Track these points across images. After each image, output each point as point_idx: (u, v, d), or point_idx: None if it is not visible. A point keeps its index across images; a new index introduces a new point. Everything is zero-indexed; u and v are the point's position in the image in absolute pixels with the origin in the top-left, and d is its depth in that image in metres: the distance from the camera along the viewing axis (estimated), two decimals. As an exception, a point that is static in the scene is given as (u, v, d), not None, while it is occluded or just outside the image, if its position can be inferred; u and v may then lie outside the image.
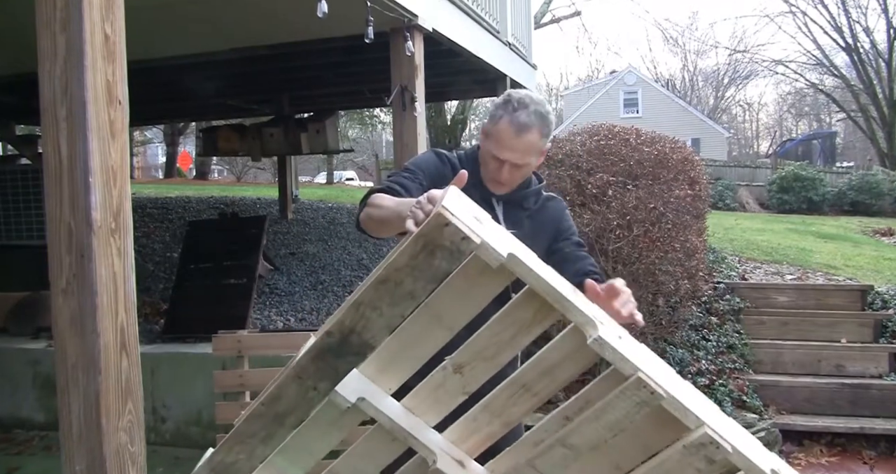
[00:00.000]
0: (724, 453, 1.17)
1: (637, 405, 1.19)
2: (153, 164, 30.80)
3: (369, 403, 1.27)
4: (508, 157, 1.75)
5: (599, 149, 4.21)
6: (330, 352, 1.28)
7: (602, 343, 1.17)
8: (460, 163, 1.87)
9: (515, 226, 1.80)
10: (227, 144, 7.29)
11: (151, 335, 4.73)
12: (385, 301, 1.20)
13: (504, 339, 1.25)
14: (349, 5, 3.21)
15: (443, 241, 1.12)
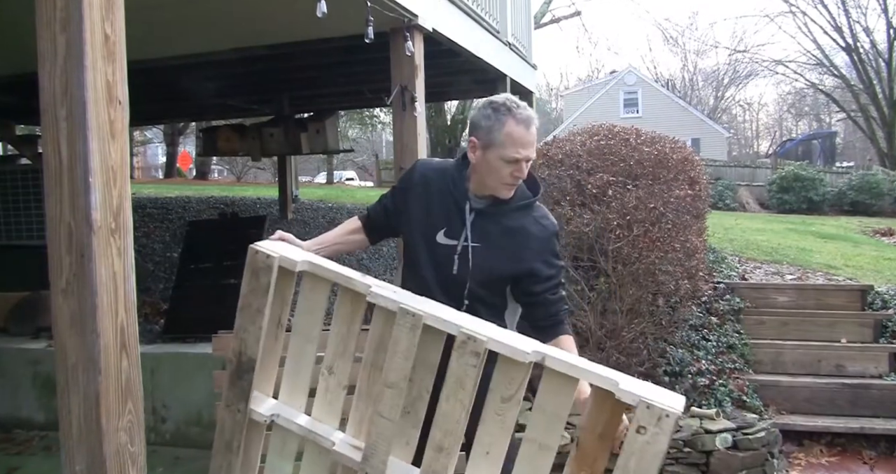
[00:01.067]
0: (482, 344, 1.43)
1: (411, 329, 1.49)
2: (153, 164, 30.79)
3: (283, 417, 1.65)
4: (526, 154, 1.80)
5: (599, 150, 4.22)
6: (235, 375, 1.69)
7: (376, 295, 1.56)
8: (433, 171, 1.98)
9: (482, 238, 1.86)
10: (227, 144, 7.29)
11: (151, 335, 4.72)
12: (248, 321, 1.78)
13: (343, 333, 1.66)
14: (349, 5, 3.21)
15: (257, 264, 1.75)
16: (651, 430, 1.30)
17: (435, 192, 1.91)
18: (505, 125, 1.77)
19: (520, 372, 1.42)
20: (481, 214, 1.87)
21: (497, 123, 1.78)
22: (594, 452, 1.41)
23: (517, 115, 1.78)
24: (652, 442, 1.30)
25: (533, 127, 1.81)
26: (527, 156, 1.81)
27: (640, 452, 1.31)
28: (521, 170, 1.81)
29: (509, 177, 1.82)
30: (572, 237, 3.93)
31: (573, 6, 17.31)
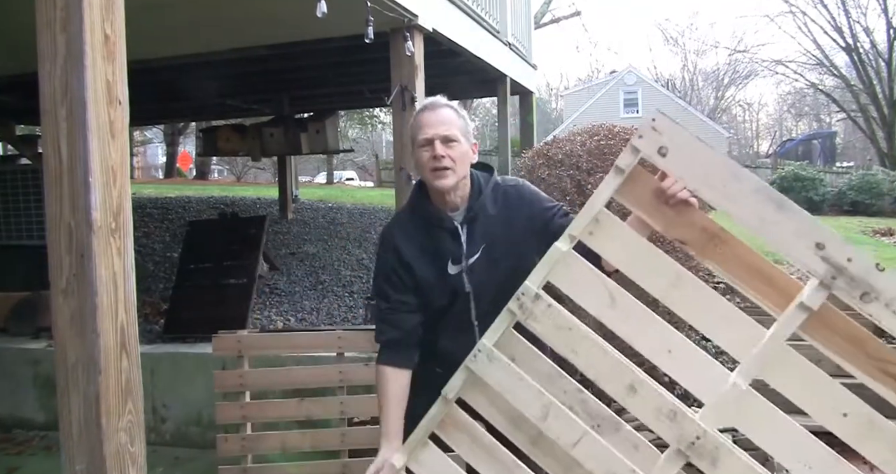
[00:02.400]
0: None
1: None
2: (153, 164, 30.79)
3: None
4: (433, 133, 1.75)
5: (599, 149, 4.21)
6: None
7: None
8: (400, 221, 1.91)
9: (486, 237, 1.79)
10: (227, 144, 7.30)
11: (151, 335, 4.73)
12: None
13: None
14: (349, 5, 3.21)
15: None
16: None
17: (420, 235, 1.83)
18: (415, 121, 1.81)
19: None
20: (470, 222, 1.81)
21: (413, 122, 1.82)
22: None
23: (423, 107, 1.83)
24: None
25: (441, 109, 1.78)
26: (435, 134, 1.75)
27: None
28: (435, 149, 1.74)
29: (431, 161, 1.75)
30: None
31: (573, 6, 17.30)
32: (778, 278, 1.26)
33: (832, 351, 1.26)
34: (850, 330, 1.24)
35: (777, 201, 1.23)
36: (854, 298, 1.19)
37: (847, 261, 1.20)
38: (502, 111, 6.67)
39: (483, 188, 1.84)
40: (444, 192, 1.79)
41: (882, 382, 1.24)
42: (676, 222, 1.34)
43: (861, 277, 1.19)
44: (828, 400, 1.26)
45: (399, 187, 3.84)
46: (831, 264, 1.20)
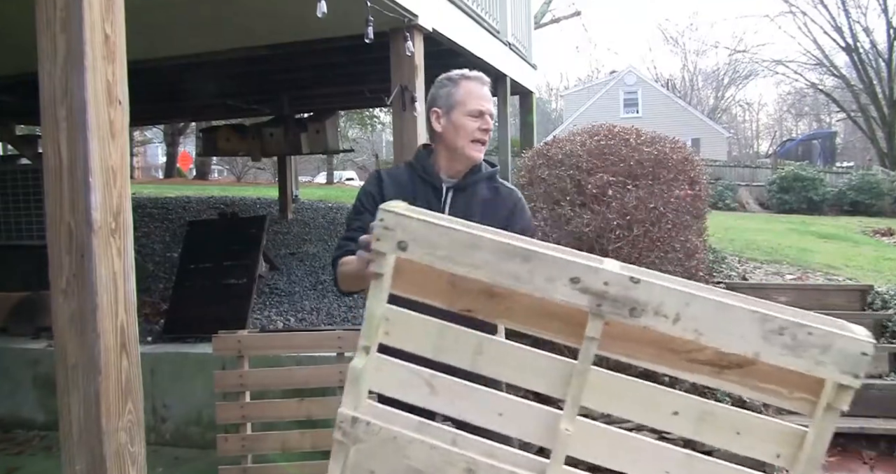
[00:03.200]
0: None
1: None
2: (153, 164, 30.80)
3: None
4: (487, 107, 1.88)
5: (599, 149, 4.21)
6: None
7: None
8: (391, 169, 2.02)
9: (461, 213, 1.79)
10: (227, 144, 7.30)
11: (151, 335, 4.73)
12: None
13: None
14: (349, 5, 3.21)
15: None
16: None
17: (407, 184, 1.93)
18: (461, 86, 1.88)
19: None
20: (457, 191, 1.92)
21: (454, 87, 1.89)
22: None
23: (470, 76, 1.90)
24: None
25: (487, 86, 1.92)
26: (489, 109, 1.89)
27: None
28: (487, 124, 1.88)
29: (478, 132, 1.88)
30: (572, 237, 3.93)
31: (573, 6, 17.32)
32: (561, 313, 1.30)
33: (640, 359, 1.30)
34: (646, 334, 1.29)
35: (521, 254, 1.28)
36: (626, 317, 1.23)
37: (604, 285, 1.24)
38: (502, 111, 6.67)
39: (482, 170, 1.95)
40: (465, 163, 1.90)
41: (693, 371, 1.29)
42: (455, 295, 1.39)
43: (622, 296, 1.23)
44: (655, 407, 1.30)
45: (399, 187, 3.84)
46: (591, 294, 1.24)
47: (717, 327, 1.21)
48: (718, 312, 1.21)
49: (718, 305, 1.21)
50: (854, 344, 1.17)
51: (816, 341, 1.18)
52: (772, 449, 1.25)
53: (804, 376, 1.22)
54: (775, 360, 1.19)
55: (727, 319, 1.21)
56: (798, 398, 1.25)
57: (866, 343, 1.17)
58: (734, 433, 1.26)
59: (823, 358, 1.17)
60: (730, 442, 1.26)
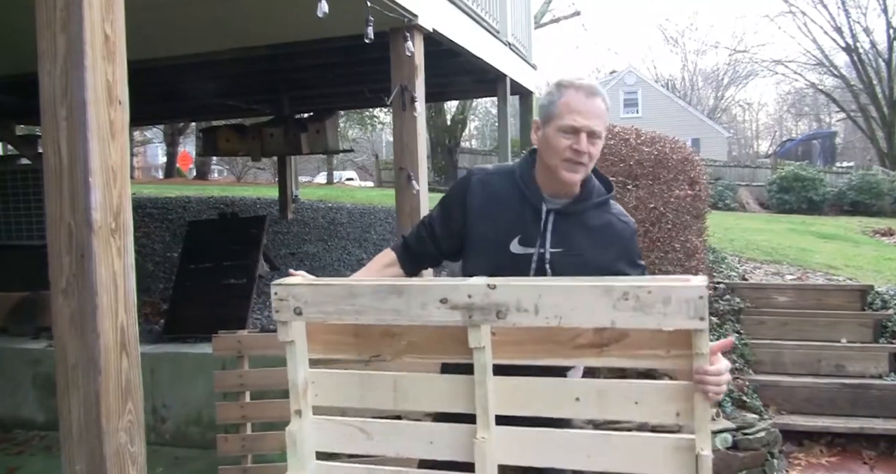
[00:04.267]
0: None
1: None
2: (153, 164, 30.80)
3: None
4: (584, 123, 1.61)
5: (599, 149, 4.21)
6: None
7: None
8: (487, 174, 1.78)
9: (564, 242, 1.68)
10: (227, 144, 7.29)
11: (151, 335, 4.73)
12: None
13: None
14: (349, 5, 3.21)
15: None
16: None
17: (501, 198, 1.72)
18: (563, 95, 1.64)
19: None
20: (560, 215, 1.69)
21: (557, 96, 1.66)
22: None
23: (576, 84, 1.65)
24: None
25: (597, 98, 1.64)
26: (586, 125, 1.61)
27: None
28: (580, 143, 1.61)
29: (568, 151, 1.62)
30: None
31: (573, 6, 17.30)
32: (457, 334, 1.38)
33: (534, 358, 1.38)
34: (531, 335, 1.37)
35: (395, 290, 1.39)
36: (495, 321, 1.33)
37: (469, 298, 1.34)
38: (502, 111, 6.67)
39: (593, 195, 1.73)
40: (562, 184, 1.68)
41: (581, 355, 1.38)
42: (361, 344, 1.48)
43: (485, 303, 1.33)
44: (559, 399, 1.38)
45: (399, 187, 3.84)
46: (460, 309, 1.34)
47: (572, 308, 1.31)
48: (568, 295, 1.31)
49: (566, 289, 1.32)
50: (689, 291, 1.27)
51: (657, 296, 1.27)
52: (670, 408, 1.33)
53: (670, 333, 1.31)
54: (630, 323, 1.29)
55: (577, 299, 1.30)
56: (674, 355, 1.32)
57: (699, 287, 1.27)
58: (633, 403, 1.34)
59: (667, 310, 1.26)
60: (632, 413, 1.34)
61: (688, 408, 1.31)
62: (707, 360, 1.29)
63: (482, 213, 1.73)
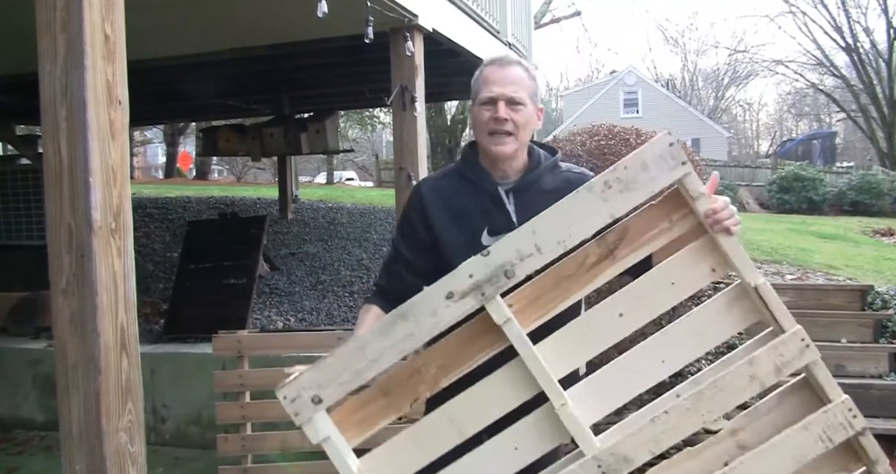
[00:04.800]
0: None
1: None
2: (153, 164, 30.80)
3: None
4: (499, 91, 1.61)
5: (599, 150, 4.21)
6: None
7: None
8: (434, 179, 1.79)
9: (529, 215, 1.58)
10: (227, 144, 7.29)
11: (151, 335, 4.72)
12: None
13: None
14: (349, 5, 3.21)
15: None
16: None
17: (457, 197, 1.69)
18: (482, 72, 1.66)
19: None
20: (518, 192, 1.67)
21: (477, 75, 1.68)
22: None
23: (493, 60, 1.68)
24: None
25: (512, 66, 1.64)
26: (501, 92, 1.60)
27: None
28: (498, 111, 1.60)
29: (491, 123, 1.61)
30: (572, 237, 3.93)
31: (573, 6, 17.31)
32: (477, 329, 1.35)
33: (560, 304, 1.35)
34: (543, 285, 1.35)
35: (400, 316, 1.33)
36: (507, 285, 1.30)
37: (471, 278, 1.31)
38: (502, 111, 6.66)
39: (542, 162, 1.71)
40: (499, 160, 1.65)
41: (598, 275, 1.35)
42: (398, 399, 1.39)
43: (489, 273, 1.30)
44: (606, 325, 1.35)
45: (399, 187, 3.84)
46: (470, 293, 1.31)
47: (569, 225, 1.30)
48: (560, 215, 1.31)
49: (555, 210, 1.32)
50: (659, 145, 1.28)
51: (634, 167, 1.28)
52: (704, 269, 1.33)
53: (665, 200, 1.32)
54: (628, 206, 1.28)
55: (571, 214, 1.30)
56: (679, 218, 1.33)
57: (664, 137, 1.28)
58: (670, 285, 1.34)
59: (650, 174, 1.27)
60: (674, 295, 1.33)
61: (719, 259, 1.30)
62: (708, 200, 1.29)
63: (446, 219, 1.68)
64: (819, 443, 1.29)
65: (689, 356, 1.33)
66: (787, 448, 1.29)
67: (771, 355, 1.31)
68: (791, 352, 1.31)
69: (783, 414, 1.35)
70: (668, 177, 1.28)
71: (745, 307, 1.32)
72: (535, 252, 1.29)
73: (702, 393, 1.31)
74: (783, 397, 1.37)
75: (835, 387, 1.32)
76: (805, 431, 1.30)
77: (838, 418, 1.29)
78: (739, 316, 1.33)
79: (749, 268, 1.29)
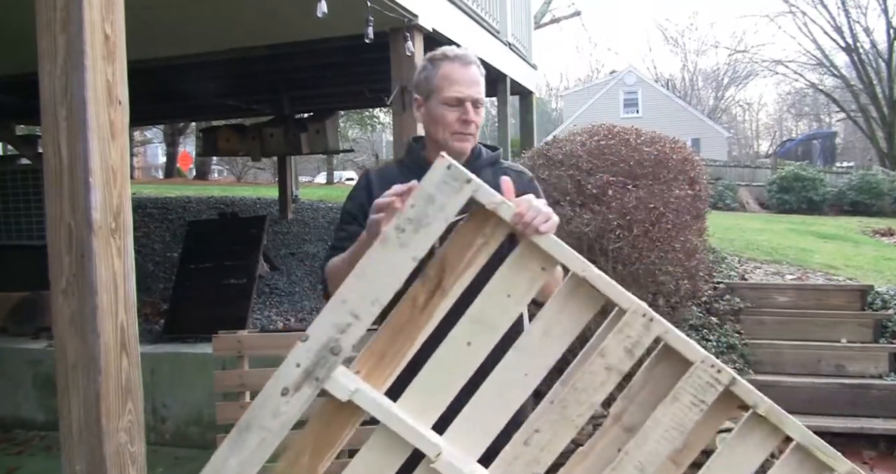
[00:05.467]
0: None
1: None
2: (153, 164, 30.81)
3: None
4: (467, 93, 1.62)
5: (599, 150, 4.21)
6: None
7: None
8: (382, 168, 1.78)
9: (463, 210, 1.64)
10: (227, 144, 7.30)
11: (151, 335, 4.72)
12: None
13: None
14: (349, 5, 3.21)
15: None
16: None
17: (398, 183, 1.77)
18: (440, 68, 1.65)
19: None
20: None
21: (433, 70, 1.66)
22: None
23: (449, 55, 1.65)
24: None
25: (472, 66, 1.65)
26: (469, 95, 1.62)
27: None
28: (468, 113, 1.62)
29: (457, 124, 1.63)
30: (572, 237, 3.93)
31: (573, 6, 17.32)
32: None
33: (410, 348, 1.31)
34: (391, 334, 1.32)
35: (245, 425, 1.34)
36: (338, 362, 1.27)
37: (298, 367, 1.28)
38: (502, 111, 6.67)
39: (482, 156, 1.73)
40: (458, 156, 1.64)
41: (435, 310, 1.30)
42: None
43: (317, 359, 1.27)
44: (454, 349, 1.31)
45: (399, 187, 3.84)
46: (305, 382, 1.30)
47: (377, 284, 1.24)
48: (364, 276, 1.26)
49: (356, 273, 1.26)
50: (435, 173, 1.25)
51: (421, 204, 1.24)
52: (534, 269, 1.29)
53: (472, 217, 1.29)
54: (428, 245, 1.24)
55: (374, 272, 1.26)
56: (492, 230, 1.29)
57: (441, 161, 1.24)
58: (507, 297, 1.31)
59: (437, 204, 1.24)
60: (513, 306, 1.30)
61: (545, 256, 1.28)
62: (509, 207, 1.27)
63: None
64: (694, 408, 1.29)
65: (548, 360, 1.31)
66: (666, 422, 1.29)
67: (619, 340, 1.28)
68: (637, 331, 1.28)
69: (655, 386, 1.33)
70: (457, 200, 1.24)
71: (583, 296, 1.29)
72: (353, 320, 1.26)
73: (565, 400, 1.29)
74: (650, 370, 1.34)
75: (692, 349, 1.30)
76: (676, 401, 1.29)
77: (704, 378, 1.28)
78: (582, 306, 1.30)
79: (572, 259, 1.28)
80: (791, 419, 1.33)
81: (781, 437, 1.34)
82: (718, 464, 1.36)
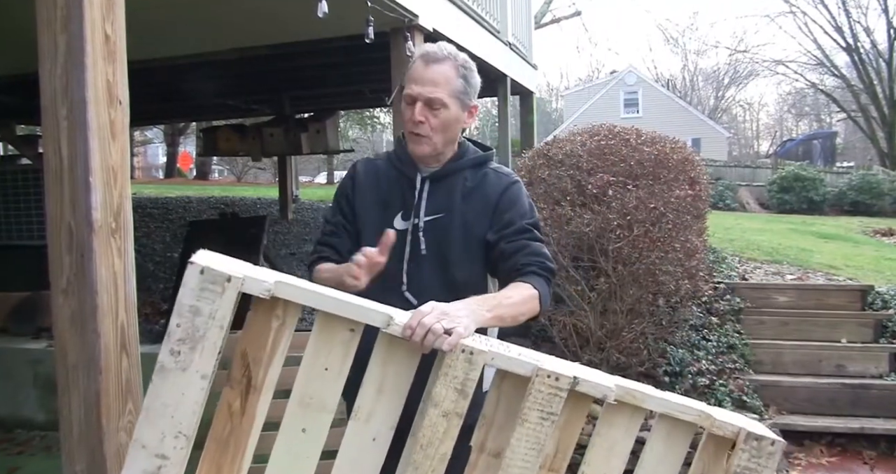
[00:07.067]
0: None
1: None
2: (153, 164, 30.80)
3: None
4: (417, 91, 1.56)
5: (600, 150, 4.21)
6: None
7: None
8: (371, 161, 1.77)
9: (439, 207, 1.64)
10: (228, 144, 7.30)
11: (151, 335, 4.72)
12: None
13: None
14: (349, 5, 3.21)
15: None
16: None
17: (383, 178, 1.69)
18: (412, 66, 1.61)
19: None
20: (435, 181, 1.65)
21: (410, 64, 1.63)
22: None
23: (421, 53, 1.60)
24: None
25: (435, 65, 1.57)
26: (419, 93, 1.55)
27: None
28: (413, 113, 1.56)
29: (409, 123, 1.58)
30: (572, 237, 3.93)
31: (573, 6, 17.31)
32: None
33: (244, 456, 1.36)
34: (219, 448, 1.37)
35: None
36: None
37: None
38: (502, 111, 6.67)
39: (468, 154, 1.69)
40: (420, 159, 1.64)
41: (255, 410, 1.33)
42: None
43: None
44: (288, 440, 1.33)
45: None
46: None
47: (174, 415, 1.27)
48: (153, 413, 1.29)
49: (144, 414, 1.28)
50: (190, 282, 1.22)
51: (187, 319, 1.22)
52: (342, 331, 1.25)
53: (256, 302, 1.28)
54: (212, 358, 1.24)
55: (164, 404, 1.27)
56: (283, 310, 1.28)
57: (191, 268, 1.21)
58: (324, 370, 1.27)
59: (204, 314, 1.21)
60: (336, 377, 1.26)
61: (346, 320, 1.24)
62: (398, 328, 1.23)
63: (367, 197, 1.69)
64: (545, 423, 1.24)
65: (391, 417, 1.27)
66: (523, 445, 1.25)
67: (446, 383, 1.24)
68: (462, 370, 1.23)
69: (507, 404, 1.29)
70: (226, 303, 1.19)
71: (400, 343, 1.26)
72: (162, 462, 1.21)
73: (416, 461, 1.24)
74: (498, 389, 1.30)
75: (521, 365, 1.25)
76: (526, 422, 1.24)
77: (544, 391, 1.23)
78: (404, 353, 1.26)
79: (369, 314, 1.26)
80: (644, 393, 1.29)
81: (645, 413, 1.31)
82: (595, 455, 1.32)
